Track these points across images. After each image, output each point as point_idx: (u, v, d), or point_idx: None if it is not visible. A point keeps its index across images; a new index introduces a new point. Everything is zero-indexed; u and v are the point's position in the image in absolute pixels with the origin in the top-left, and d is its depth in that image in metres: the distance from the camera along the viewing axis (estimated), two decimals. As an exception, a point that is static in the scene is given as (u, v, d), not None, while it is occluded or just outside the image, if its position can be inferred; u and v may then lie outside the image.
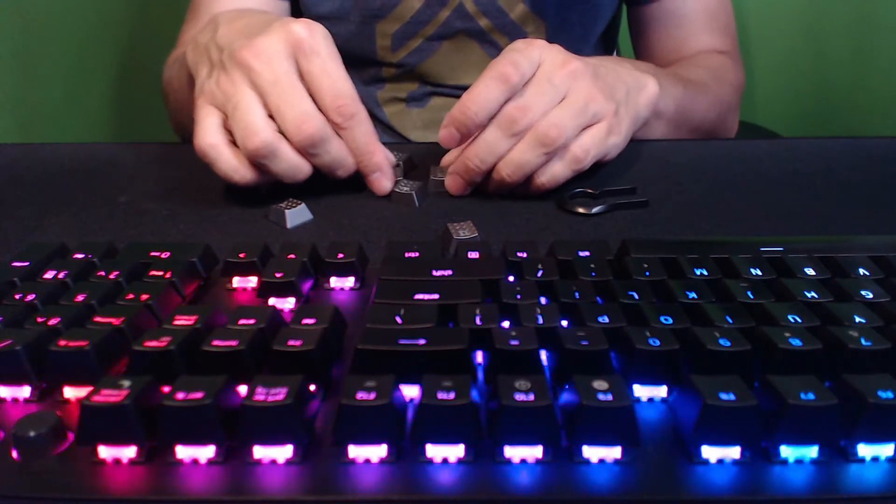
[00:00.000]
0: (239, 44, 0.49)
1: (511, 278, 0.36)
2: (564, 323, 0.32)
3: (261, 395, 0.26)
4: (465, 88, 0.79)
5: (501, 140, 0.49)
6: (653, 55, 0.83)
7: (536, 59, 0.49)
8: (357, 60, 0.80)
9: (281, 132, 0.48)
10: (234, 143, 0.48)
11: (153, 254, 0.38)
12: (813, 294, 0.33)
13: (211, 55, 0.51)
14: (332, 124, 0.49)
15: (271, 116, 0.48)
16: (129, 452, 0.26)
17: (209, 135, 0.48)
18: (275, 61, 0.47)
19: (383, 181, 0.51)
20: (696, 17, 0.80)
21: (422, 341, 0.29)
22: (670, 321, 0.31)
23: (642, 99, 0.55)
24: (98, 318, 0.31)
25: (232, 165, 0.48)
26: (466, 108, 0.48)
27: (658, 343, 0.29)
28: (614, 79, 0.53)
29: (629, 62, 0.60)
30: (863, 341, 0.29)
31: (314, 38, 0.48)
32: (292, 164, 0.48)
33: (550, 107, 0.48)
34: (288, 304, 0.36)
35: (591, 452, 0.26)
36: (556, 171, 0.50)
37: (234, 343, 0.29)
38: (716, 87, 0.73)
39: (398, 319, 0.31)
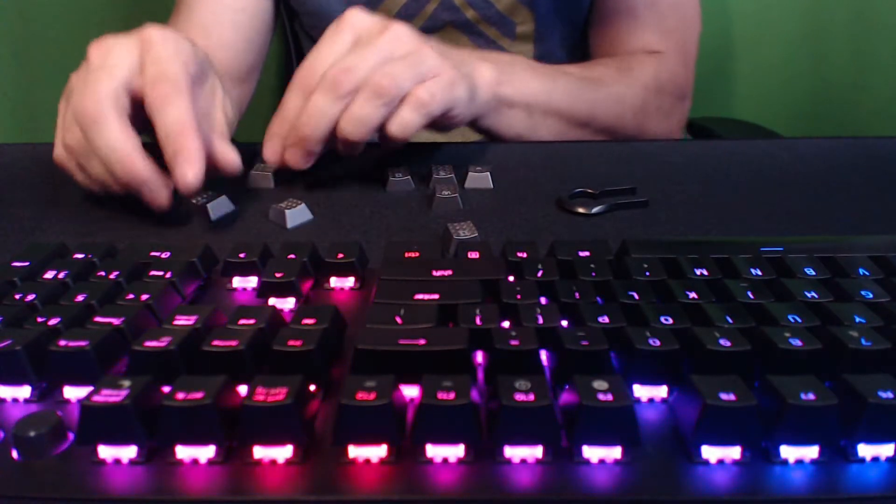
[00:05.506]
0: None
1: (511, 278, 0.36)
2: (564, 323, 0.32)
3: (261, 395, 0.26)
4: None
5: (330, 103, 0.48)
6: (596, 47, 0.81)
7: (340, 48, 0.49)
8: None
9: None
10: None
11: (153, 254, 0.38)
12: (813, 294, 0.33)
13: None
14: (150, 108, 0.45)
15: None
16: (129, 452, 0.26)
17: (56, 147, 0.49)
18: (112, 50, 0.47)
19: (185, 167, 0.44)
20: (640, 13, 0.77)
21: (422, 341, 0.29)
22: (670, 321, 0.31)
23: (478, 80, 0.55)
24: (98, 318, 0.31)
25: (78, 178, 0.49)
26: (285, 118, 0.50)
27: (658, 343, 0.29)
28: (452, 53, 0.54)
29: (494, 54, 0.60)
30: (863, 341, 0.29)
31: (162, 35, 0.47)
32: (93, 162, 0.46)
33: (377, 64, 0.48)
34: (288, 304, 0.36)
35: (592, 452, 0.26)
36: (406, 118, 0.49)
37: (234, 343, 0.29)
38: (617, 87, 0.70)
39: (398, 319, 0.31)
